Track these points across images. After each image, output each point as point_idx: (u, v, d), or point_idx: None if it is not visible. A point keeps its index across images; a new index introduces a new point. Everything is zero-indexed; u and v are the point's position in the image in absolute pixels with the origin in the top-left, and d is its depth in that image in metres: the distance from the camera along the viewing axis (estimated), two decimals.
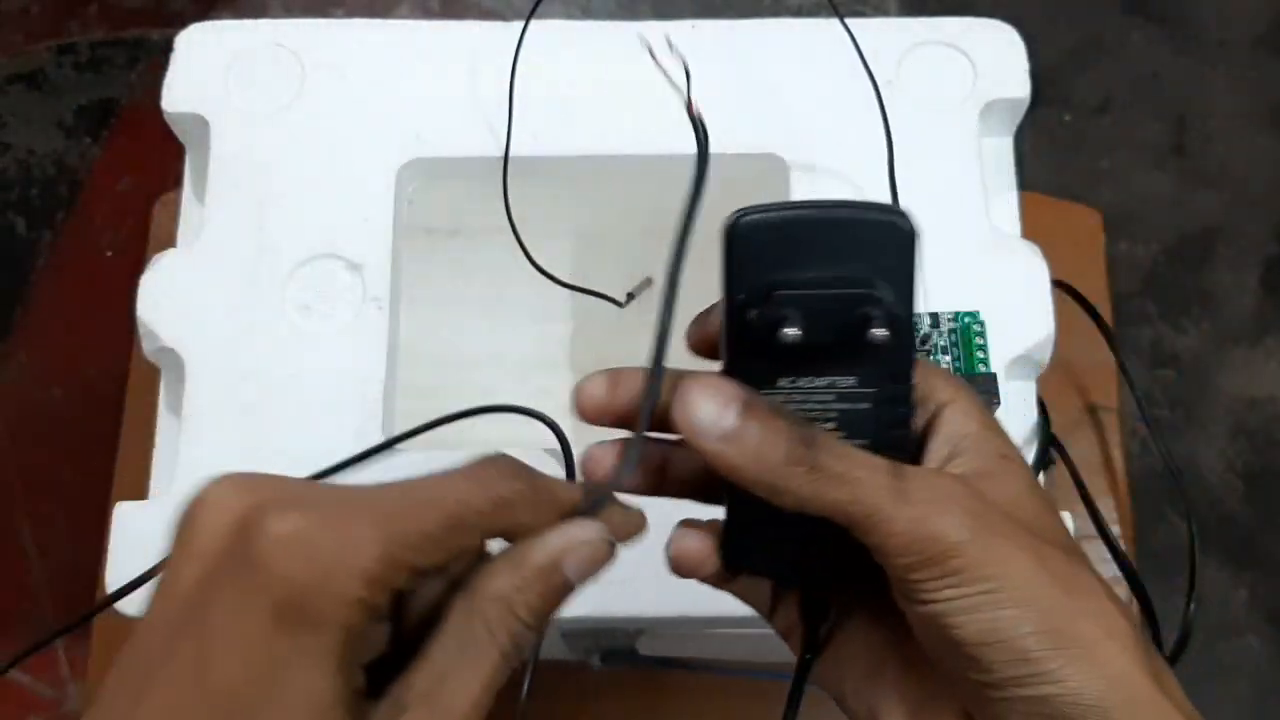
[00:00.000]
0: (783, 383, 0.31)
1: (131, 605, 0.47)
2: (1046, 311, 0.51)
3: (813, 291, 0.30)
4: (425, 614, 0.30)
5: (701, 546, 0.33)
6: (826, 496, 0.30)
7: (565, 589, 0.31)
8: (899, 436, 0.32)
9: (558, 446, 0.43)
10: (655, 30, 0.57)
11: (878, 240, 0.31)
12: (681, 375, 0.32)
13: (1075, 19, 1.11)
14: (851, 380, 0.31)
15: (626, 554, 0.48)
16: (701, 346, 0.34)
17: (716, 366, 0.33)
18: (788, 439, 0.30)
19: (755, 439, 0.30)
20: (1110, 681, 0.28)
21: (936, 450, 0.32)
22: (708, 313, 0.34)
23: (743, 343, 0.31)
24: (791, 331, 0.30)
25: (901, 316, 0.31)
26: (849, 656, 0.34)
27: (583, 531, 0.31)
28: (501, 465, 0.31)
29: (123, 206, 0.95)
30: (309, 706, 0.26)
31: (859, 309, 0.30)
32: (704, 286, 0.69)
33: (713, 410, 0.30)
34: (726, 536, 0.33)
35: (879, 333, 0.30)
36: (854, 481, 0.30)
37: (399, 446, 0.48)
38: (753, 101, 0.55)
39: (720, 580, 0.34)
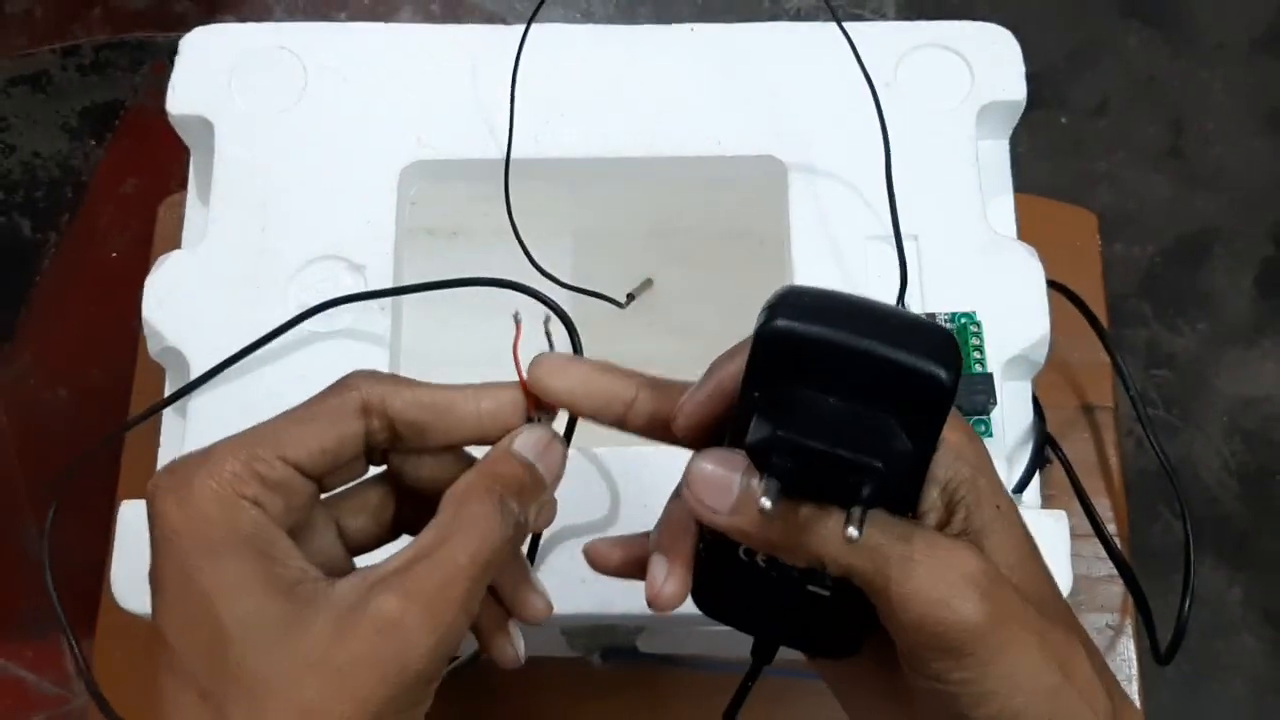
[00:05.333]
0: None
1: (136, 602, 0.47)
2: (1042, 312, 0.51)
3: (812, 446, 0.28)
4: None
5: (678, 591, 0.34)
6: (845, 561, 0.30)
7: (527, 471, 0.34)
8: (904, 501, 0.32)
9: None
10: (655, 34, 0.57)
11: (912, 387, 0.29)
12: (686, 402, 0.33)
13: (1072, 22, 1.11)
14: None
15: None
16: (690, 436, 0.34)
17: None
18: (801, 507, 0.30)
19: (759, 518, 0.30)
20: None
21: (931, 502, 0.32)
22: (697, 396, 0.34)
23: (748, 449, 0.30)
24: (767, 503, 0.28)
25: (905, 468, 0.29)
26: (851, 680, 0.36)
27: (529, 427, 0.35)
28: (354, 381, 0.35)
29: (127, 208, 0.96)
30: (221, 589, 0.31)
31: (854, 477, 0.28)
32: (703, 288, 0.69)
33: (713, 494, 0.31)
34: (698, 584, 0.34)
35: (855, 523, 0.28)
36: (873, 549, 0.30)
37: None
38: (751, 104, 0.55)
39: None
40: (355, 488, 0.37)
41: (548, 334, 0.37)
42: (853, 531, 0.28)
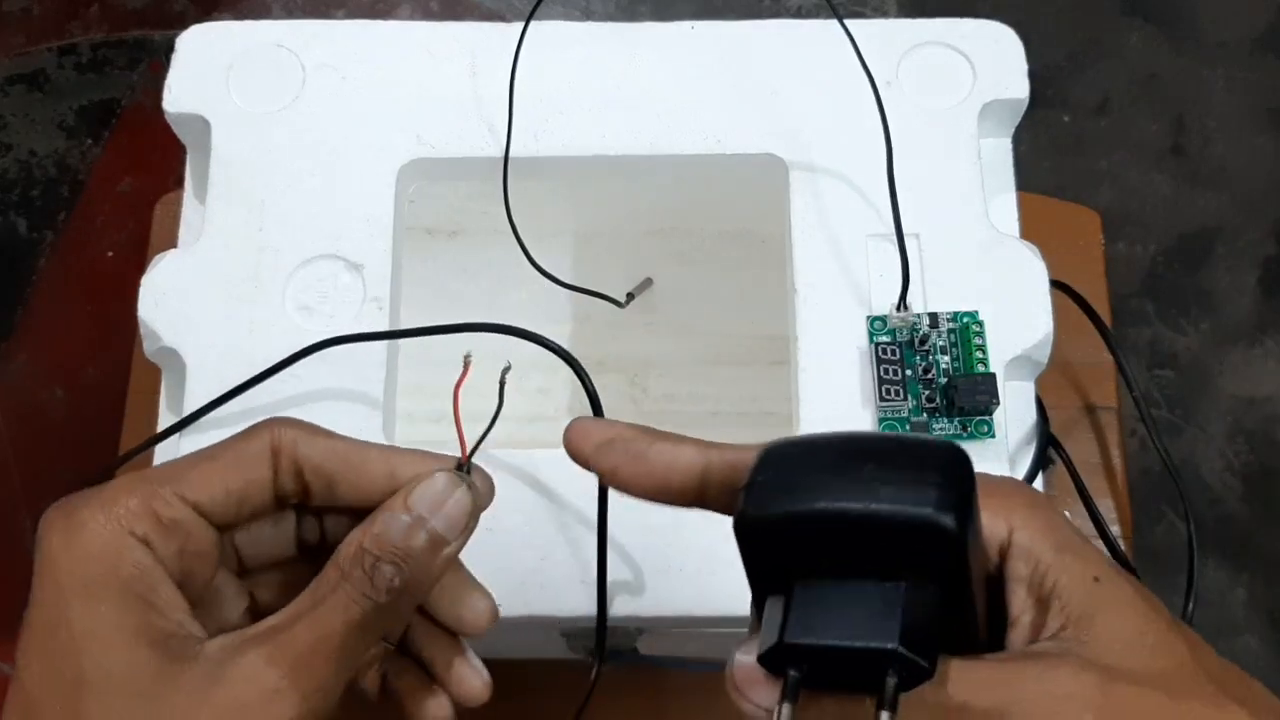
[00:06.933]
0: None
1: None
2: (1045, 312, 0.51)
3: (825, 644, 0.25)
4: None
5: None
6: None
7: (422, 526, 0.32)
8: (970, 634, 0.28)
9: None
10: (655, 32, 0.57)
11: (912, 543, 0.25)
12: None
13: (1074, 20, 1.11)
14: None
15: (627, 555, 0.48)
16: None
17: None
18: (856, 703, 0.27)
19: (829, 714, 0.27)
20: None
21: (1021, 604, 0.29)
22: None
23: (760, 662, 0.27)
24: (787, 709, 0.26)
25: (933, 623, 0.26)
26: None
27: (429, 477, 0.33)
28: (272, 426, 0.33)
29: (124, 207, 0.96)
30: (90, 634, 0.29)
31: (874, 663, 0.25)
32: (703, 288, 0.69)
33: (763, 690, 0.27)
34: None
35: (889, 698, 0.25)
36: (961, 713, 0.26)
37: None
38: (752, 102, 0.55)
39: None
40: (272, 559, 0.35)
41: (501, 384, 0.34)
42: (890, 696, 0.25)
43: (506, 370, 0.35)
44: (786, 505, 0.26)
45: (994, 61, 0.55)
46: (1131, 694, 0.26)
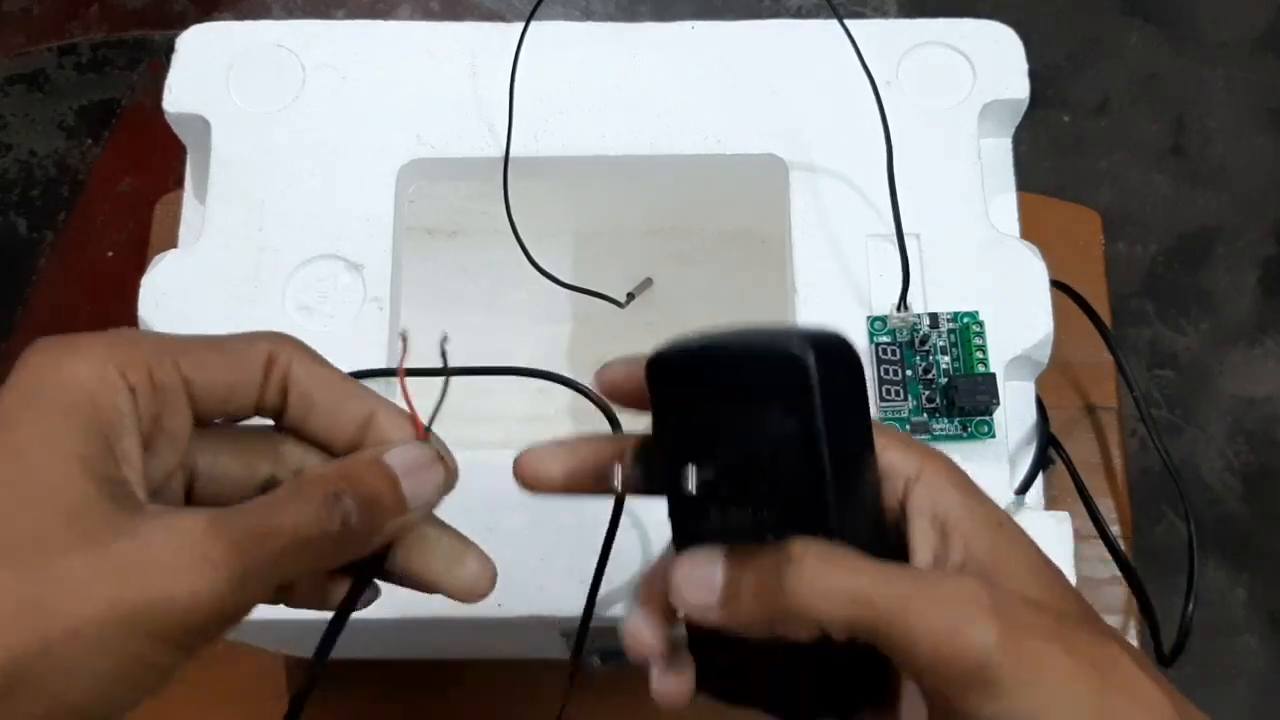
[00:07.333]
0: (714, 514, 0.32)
1: None
2: (1045, 312, 0.51)
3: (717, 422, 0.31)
4: None
5: (680, 688, 0.34)
6: (842, 618, 0.29)
7: (387, 484, 0.32)
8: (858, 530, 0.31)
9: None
10: (655, 32, 0.57)
11: (775, 371, 0.30)
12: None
13: (1074, 20, 1.11)
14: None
15: (626, 556, 0.48)
16: (613, 394, 0.36)
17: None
18: (773, 579, 0.30)
19: (749, 600, 0.30)
20: None
21: (923, 535, 0.31)
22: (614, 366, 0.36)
23: (673, 505, 0.33)
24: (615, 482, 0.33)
25: (794, 457, 0.30)
26: None
27: (410, 443, 0.33)
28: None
29: (124, 207, 0.96)
30: (44, 449, 0.28)
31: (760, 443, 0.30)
32: (703, 288, 0.69)
33: (700, 592, 0.31)
34: (700, 666, 0.34)
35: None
36: (864, 600, 0.29)
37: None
38: (752, 102, 0.55)
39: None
40: (219, 497, 0.34)
41: (443, 353, 0.36)
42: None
43: (444, 340, 0.36)
44: (685, 346, 0.32)
45: (994, 61, 0.55)
46: (1023, 608, 0.29)
